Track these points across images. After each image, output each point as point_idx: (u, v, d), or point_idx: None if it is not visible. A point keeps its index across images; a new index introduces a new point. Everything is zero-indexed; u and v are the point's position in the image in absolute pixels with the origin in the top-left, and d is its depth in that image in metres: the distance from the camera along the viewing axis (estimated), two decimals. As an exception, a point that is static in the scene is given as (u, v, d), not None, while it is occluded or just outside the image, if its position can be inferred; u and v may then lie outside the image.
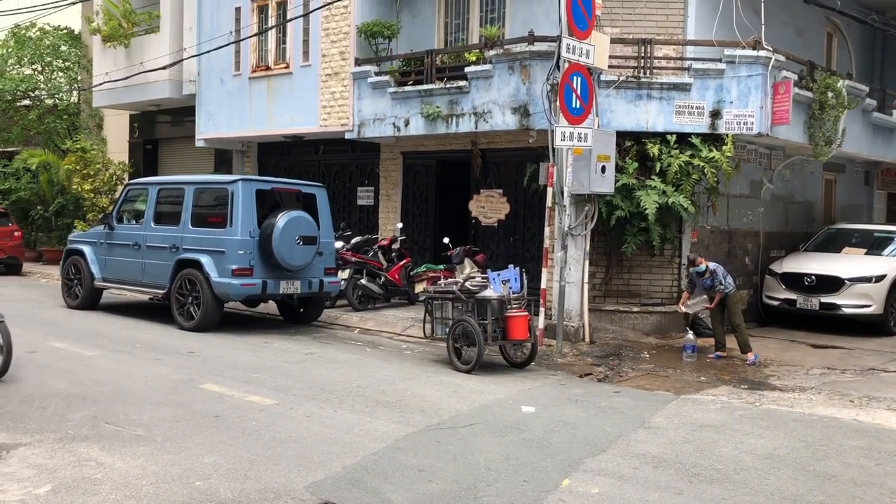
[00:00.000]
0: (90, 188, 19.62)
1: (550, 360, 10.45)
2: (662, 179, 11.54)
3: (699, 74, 11.66)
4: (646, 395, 8.82)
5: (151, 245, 12.50)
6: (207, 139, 17.27)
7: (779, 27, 13.02)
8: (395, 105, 13.50)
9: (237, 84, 16.33)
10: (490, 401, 8.10)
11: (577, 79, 10.71)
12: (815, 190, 16.03)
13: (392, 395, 8.19)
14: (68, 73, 22.48)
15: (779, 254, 14.50)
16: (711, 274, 10.84)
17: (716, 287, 10.85)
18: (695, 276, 11.02)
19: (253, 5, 15.94)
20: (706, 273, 10.86)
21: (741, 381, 9.65)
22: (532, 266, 12.53)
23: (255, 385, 8.40)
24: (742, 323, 10.94)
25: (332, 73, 14.56)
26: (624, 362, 10.54)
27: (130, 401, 7.56)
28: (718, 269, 10.88)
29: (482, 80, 12.31)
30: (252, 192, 11.75)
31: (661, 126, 11.74)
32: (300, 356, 10.22)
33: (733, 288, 10.98)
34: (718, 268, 10.91)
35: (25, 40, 21.95)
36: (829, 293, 13.00)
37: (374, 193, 15.83)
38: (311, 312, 13.08)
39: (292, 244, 11.57)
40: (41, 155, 21.67)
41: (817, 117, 12.84)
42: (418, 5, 14.45)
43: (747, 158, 13.30)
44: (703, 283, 10.97)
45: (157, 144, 21.41)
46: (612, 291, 12.52)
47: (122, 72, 18.25)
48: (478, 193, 14.02)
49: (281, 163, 17.38)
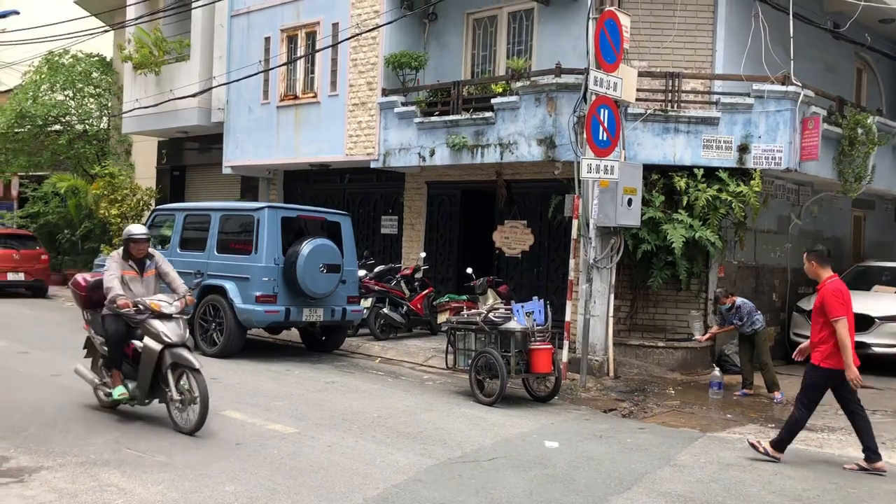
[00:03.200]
0: (117, 213, 19.79)
1: (574, 394, 10.33)
2: (689, 213, 11.45)
3: (727, 109, 11.61)
4: (671, 433, 8.67)
5: (176, 270, 12.51)
6: (234, 166, 17.41)
7: (808, 63, 12.96)
8: (421, 135, 13.55)
9: (265, 112, 16.47)
10: (513, 434, 8.00)
11: (605, 111, 10.69)
12: (843, 226, 15.85)
13: (414, 426, 8.11)
14: (99, 99, 22.80)
15: (806, 290, 14.28)
16: (737, 310, 10.71)
17: (744, 324, 10.73)
18: (724, 313, 10.94)
19: (282, 35, 16.12)
20: (733, 310, 10.75)
21: (769, 420, 9.47)
22: (556, 298, 12.44)
23: (276, 413, 8.36)
24: (769, 361, 10.78)
25: (359, 103, 14.65)
26: (649, 398, 10.40)
27: (152, 426, 7.53)
28: (745, 306, 10.74)
29: (508, 111, 12.33)
30: (277, 219, 11.79)
31: (689, 160, 11.67)
32: (322, 385, 10.17)
33: (762, 325, 10.83)
34: (746, 304, 10.77)
35: (59, 67, 22.31)
36: (859, 331, 12.69)
37: (398, 222, 15.85)
38: (333, 340, 13.05)
39: (316, 272, 11.57)
40: (70, 179, 21.92)
41: (847, 153, 12.72)
42: (446, 37, 14.55)
43: (775, 194, 13.19)
44: (729, 318, 10.86)
45: (185, 171, 21.61)
46: (638, 326, 12.39)
47: (152, 99, 18.48)
48: (502, 224, 13.99)
49: (307, 191, 17.47)
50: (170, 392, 7.33)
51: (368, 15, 14.43)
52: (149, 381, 7.46)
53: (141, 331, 7.58)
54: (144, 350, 7.48)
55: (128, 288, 7.76)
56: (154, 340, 7.43)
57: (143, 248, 7.96)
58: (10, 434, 6.98)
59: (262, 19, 16.51)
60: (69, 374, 9.84)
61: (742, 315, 10.71)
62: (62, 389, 8.97)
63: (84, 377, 8.25)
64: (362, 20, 14.44)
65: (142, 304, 7.56)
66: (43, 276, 19.60)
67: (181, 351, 7.38)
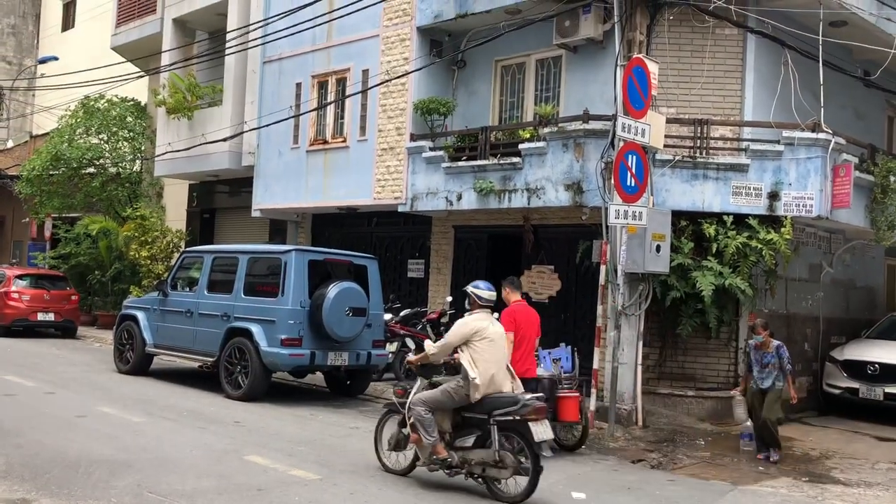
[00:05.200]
0: (147, 255, 19.98)
1: (602, 443, 10.14)
2: (719, 260, 11.31)
3: (757, 155, 11.53)
4: (702, 485, 8.47)
5: (203, 313, 12.59)
6: (263, 209, 17.56)
7: (838, 110, 12.87)
8: (449, 180, 13.59)
9: (295, 157, 16.64)
10: (539, 485, 7.83)
11: (633, 157, 10.66)
12: (877, 275, 15.59)
13: (438, 474, 7.97)
14: (133, 142, 23.18)
15: (839, 340, 14.04)
16: (777, 349, 9.75)
17: (784, 367, 9.72)
18: (751, 349, 10.06)
19: (313, 81, 16.33)
20: (771, 349, 9.80)
21: (802, 474, 9.22)
22: (583, 345, 12.27)
23: (299, 458, 8.28)
24: (779, 419, 9.83)
25: (387, 148, 14.76)
26: (678, 449, 10.18)
27: (174, 470, 7.49)
28: (784, 349, 9.88)
29: (536, 156, 12.34)
30: (305, 262, 11.82)
31: (718, 206, 11.57)
32: (346, 430, 10.08)
33: (783, 383, 9.87)
34: (783, 347, 9.93)
35: (94, 111, 22.75)
36: (895, 383, 12.48)
37: (425, 266, 15.83)
38: (357, 385, 12.97)
39: (342, 315, 11.54)
40: (102, 221, 22.20)
41: (879, 201, 12.55)
42: (474, 84, 14.66)
43: (806, 241, 13.02)
44: (758, 357, 9.87)
45: (214, 214, 21.82)
46: (667, 374, 12.20)
47: (184, 142, 18.75)
48: (529, 269, 13.91)
49: (334, 234, 17.54)
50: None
51: (398, 62, 14.60)
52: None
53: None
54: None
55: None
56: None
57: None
58: (33, 476, 6.97)
59: (293, 65, 16.77)
60: (94, 415, 9.88)
61: (784, 359, 9.74)
62: (86, 431, 8.97)
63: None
64: (392, 67, 14.61)
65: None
66: (73, 317, 19.76)
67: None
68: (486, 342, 7.32)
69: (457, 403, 7.30)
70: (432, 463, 7.37)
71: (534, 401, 7.03)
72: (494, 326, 7.56)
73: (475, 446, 7.23)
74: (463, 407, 7.30)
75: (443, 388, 7.39)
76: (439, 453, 7.25)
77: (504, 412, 7.03)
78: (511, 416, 6.99)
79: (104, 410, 10.26)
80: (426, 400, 7.35)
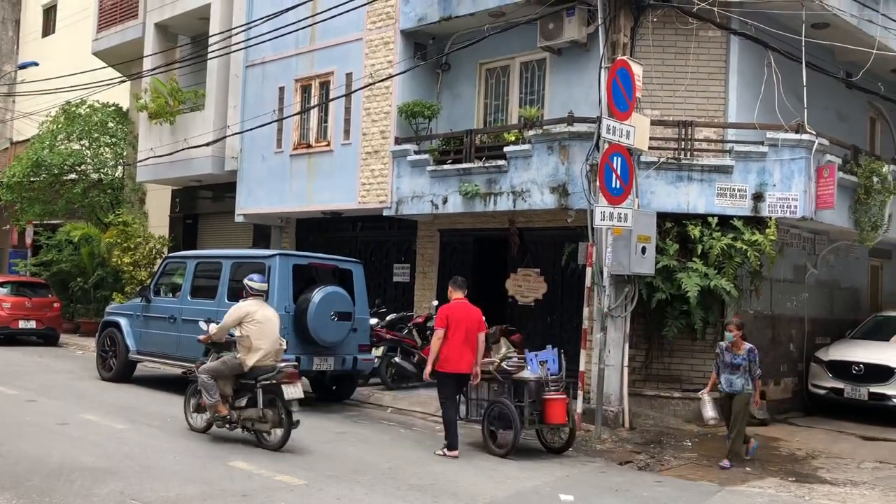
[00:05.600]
0: (130, 261, 19.81)
1: (589, 445, 10.11)
2: (704, 262, 11.32)
3: (741, 157, 11.56)
4: (689, 486, 8.46)
5: (187, 318, 12.46)
6: (247, 214, 17.45)
7: (821, 111, 12.92)
8: (434, 183, 13.55)
9: (278, 161, 16.55)
10: (527, 487, 7.81)
11: (618, 159, 10.66)
12: (860, 276, 15.66)
13: (425, 478, 7.93)
14: (114, 148, 22.99)
15: (824, 341, 14.08)
16: (748, 352, 9.46)
17: (753, 371, 9.43)
18: (721, 350, 9.66)
19: (296, 85, 16.26)
20: (736, 346, 9.48)
21: (789, 474, 9.23)
22: (570, 347, 12.24)
23: (284, 464, 8.20)
24: (763, 421, 9.73)
25: (372, 152, 14.70)
26: (665, 450, 10.17)
27: (158, 476, 7.40)
28: (755, 353, 9.64)
29: (521, 159, 12.32)
30: (289, 267, 11.74)
31: (703, 208, 11.59)
32: (332, 435, 10.01)
33: (751, 387, 9.52)
34: (754, 351, 9.69)
35: (75, 117, 22.56)
36: (879, 383, 12.52)
37: (411, 270, 15.78)
38: (343, 390, 12.89)
39: (327, 320, 11.46)
40: (84, 228, 22.00)
41: (863, 202, 12.61)
42: (459, 87, 14.63)
43: (791, 243, 13.06)
44: (728, 359, 9.51)
45: (197, 219, 21.68)
46: (653, 376, 12.19)
47: (167, 148, 18.61)
48: (515, 272, 13.89)
49: (319, 239, 17.46)
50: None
51: (382, 65, 14.55)
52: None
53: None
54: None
55: None
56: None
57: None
58: (13, 484, 6.86)
59: (276, 69, 16.69)
60: (76, 422, 9.76)
61: (754, 363, 9.45)
62: (69, 438, 8.85)
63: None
64: (376, 70, 14.56)
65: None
66: (55, 325, 19.55)
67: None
68: (255, 323, 8.98)
69: (232, 371, 9.00)
70: (215, 420, 9.12)
71: (288, 368, 8.87)
72: (263, 311, 9.17)
73: (247, 406, 8.94)
74: (240, 374, 8.99)
75: (222, 360, 9.10)
76: (220, 411, 8.97)
77: (265, 377, 8.80)
78: (270, 381, 8.76)
79: (87, 418, 10.14)
80: (209, 369, 9.08)
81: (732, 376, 9.52)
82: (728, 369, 9.57)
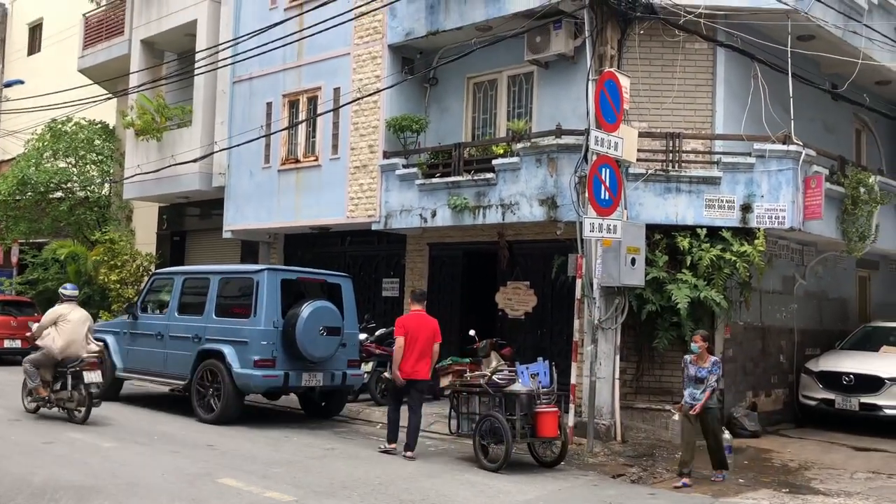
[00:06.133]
0: (117, 279, 19.66)
1: (581, 459, 10.05)
2: (693, 273, 11.30)
3: (728, 168, 11.58)
4: (683, 499, 8.41)
5: (174, 335, 12.36)
6: (235, 230, 17.36)
7: (808, 123, 12.98)
8: (423, 197, 13.51)
9: (266, 176, 16.49)
10: (519, 501, 7.74)
11: (606, 171, 10.67)
12: (849, 287, 15.69)
13: (416, 493, 7.85)
14: (101, 165, 22.87)
15: (814, 352, 14.08)
16: (713, 365, 9.15)
17: (711, 382, 9.04)
18: (686, 364, 9.33)
19: (284, 100, 16.23)
20: (701, 358, 9.17)
21: (782, 485, 9.18)
22: (561, 360, 12.18)
23: (273, 480, 8.10)
24: (721, 439, 9.33)
25: (360, 166, 14.66)
26: (658, 463, 10.11)
27: (146, 494, 7.29)
28: (719, 367, 9.33)
29: (509, 172, 12.31)
30: (277, 282, 11.65)
31: (691, 219, 11.59)
32: (321, 451, 9.91)
33: (714, 400, 9.25)
34: (719, 364, 9.38)
35: (61, 134, 22.45)
36: (869, 393, 12.52)
37: (400, 285, 15.70)
38: (332, 406, 12.78)
39: (316, 335, 11.37)
40: (70, 246, 21.85)
41: (850, 213, 12.65)
42: (447, 101, 14.63)
43: (779, 254, 13.07)
44: (693, 373, 9.21)
45: (185, 236, 21.55)
46: (644, 388, 12.13)
47: (154, 165, 18.51)
48: (504, 285, 13.84)
49: (307, 254, 17.37)
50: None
51: (370, 80, 14.54)
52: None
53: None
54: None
55: None
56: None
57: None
58: (-3, 504, 6.74)
59: (263, 85, 16.66)
60: (62, 441, 9.62)
61: (716, 375, 9.12)
62: (53, 457, 8.72)
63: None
64: (363, 85, 14.54)
65: None
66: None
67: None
68: (66, 322, 11.07)
69: (49, 360, 11.02)
70: (36, 401, 11.25)
71: (90, 358, 10.97)
72: (74, 313, 11.26)
73: (61, 389, 10.98)
74: (58, 363, 10.97)
75: (42, 352, 11.12)
76: (40, 393, 11.09)
77: (73, 365, 10.85)
78: (76, 368, 10.80)
79: (72, 436, 10.01)
80: (31, 359, 11.26)
81: (696, 391, 9.19)
82: (692, 383, 9.24)
